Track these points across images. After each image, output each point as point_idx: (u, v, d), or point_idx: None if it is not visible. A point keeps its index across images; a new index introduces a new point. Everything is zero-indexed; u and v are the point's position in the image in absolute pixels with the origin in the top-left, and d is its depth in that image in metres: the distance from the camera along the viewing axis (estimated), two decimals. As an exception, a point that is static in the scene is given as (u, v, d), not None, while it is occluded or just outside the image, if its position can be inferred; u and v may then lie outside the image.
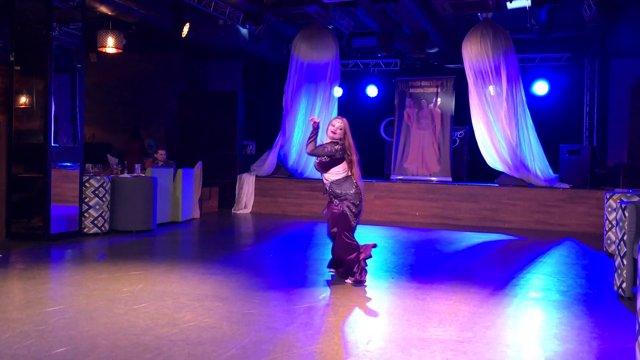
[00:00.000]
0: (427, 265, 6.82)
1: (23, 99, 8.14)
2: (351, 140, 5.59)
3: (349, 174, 5.59)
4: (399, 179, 12.21)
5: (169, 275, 5.74)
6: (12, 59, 7.78)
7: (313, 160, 12.36)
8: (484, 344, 3.86)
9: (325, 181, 5.66)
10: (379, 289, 5.49)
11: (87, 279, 5.51)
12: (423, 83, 12.74)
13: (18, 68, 7.85)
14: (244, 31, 11.54)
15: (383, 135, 13.53)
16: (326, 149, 5.51)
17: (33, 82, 7.93)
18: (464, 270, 6.69)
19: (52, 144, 7.64)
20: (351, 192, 5.54)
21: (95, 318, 4.18)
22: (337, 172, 5.58)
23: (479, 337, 4.01)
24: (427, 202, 11.22)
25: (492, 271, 6.77)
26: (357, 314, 4.63)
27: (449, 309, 4.75)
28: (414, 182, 11.62)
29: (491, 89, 10.93)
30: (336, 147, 5.50)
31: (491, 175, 11.54)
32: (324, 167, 5.62)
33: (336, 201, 5.58)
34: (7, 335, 3.76)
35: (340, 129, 5.57)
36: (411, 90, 12.75)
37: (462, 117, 12.29)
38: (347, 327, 4.25)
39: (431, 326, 4.23)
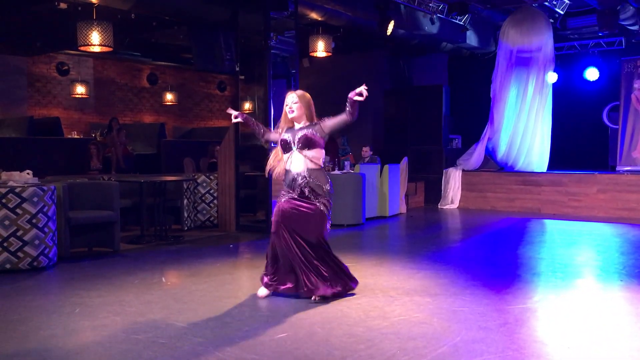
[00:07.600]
0: (665, 267, 5.99)
1: (247, 105, 9.05)
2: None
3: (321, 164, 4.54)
4: (627, 171, 10.97)
5: (379, 269, 5.87)
6: (237, 69, 8.66)
7: (525, 152, 11.82)
8: None
9: (294, 171, 4.45)
10: (606, 292, 4.97)
11: (304, 269, 5.88)
12: (655, 61, 11.28)
13: (242, 77, 8.71)
14: (448, 23, 11.32)
15: (606, 122, 12.25)
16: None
17: (254, 89, 8.75)
18: None
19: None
20: (327, 187, 4.52)
21: (312, 307, 4.43)
22: (317, 158, 4.49)
23: None
24: (662, 196, 9.90)
25: None
26: (579, 318, 4.24)
27: (696, 320, 4.11)
28: (645, 174, 10.35)
29: None
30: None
31: None
32: (308, 143, 4.45)
33: (311, 198, 4.46)
34: (237, 317, 4.19)
35: (295, 103, 4.54)
36: (640, 71, 11.37)
37: None
38: (569, 332, 3.91)
39: (672, 338, 3.70)
